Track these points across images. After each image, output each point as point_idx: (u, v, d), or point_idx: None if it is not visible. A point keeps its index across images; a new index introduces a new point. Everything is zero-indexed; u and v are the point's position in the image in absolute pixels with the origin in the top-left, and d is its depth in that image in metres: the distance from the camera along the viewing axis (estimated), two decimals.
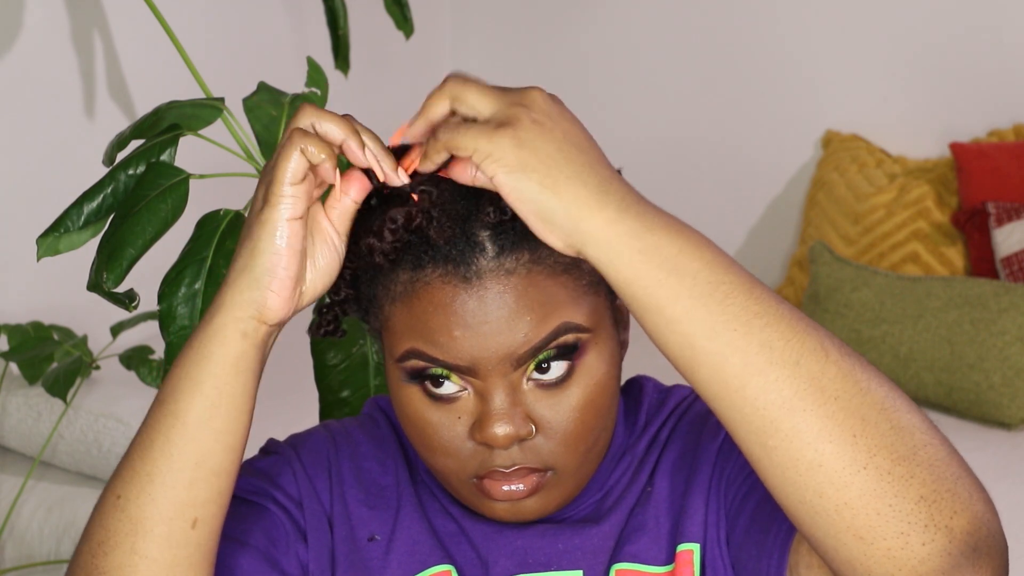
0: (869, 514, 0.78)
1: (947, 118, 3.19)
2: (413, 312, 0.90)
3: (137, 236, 1.21)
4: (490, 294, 0.89)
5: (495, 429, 0.90)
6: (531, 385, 0.92)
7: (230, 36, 2.79)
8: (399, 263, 0.90)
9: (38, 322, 2.11)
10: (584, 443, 0.94)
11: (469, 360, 0.90)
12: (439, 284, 0.89)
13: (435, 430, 0.93)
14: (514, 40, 3.66)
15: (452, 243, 0.89)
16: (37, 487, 2.22)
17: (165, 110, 1.32)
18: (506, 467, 0.92)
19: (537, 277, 0.90)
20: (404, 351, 0.92)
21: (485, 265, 0.89)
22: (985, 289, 2.69)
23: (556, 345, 0.91)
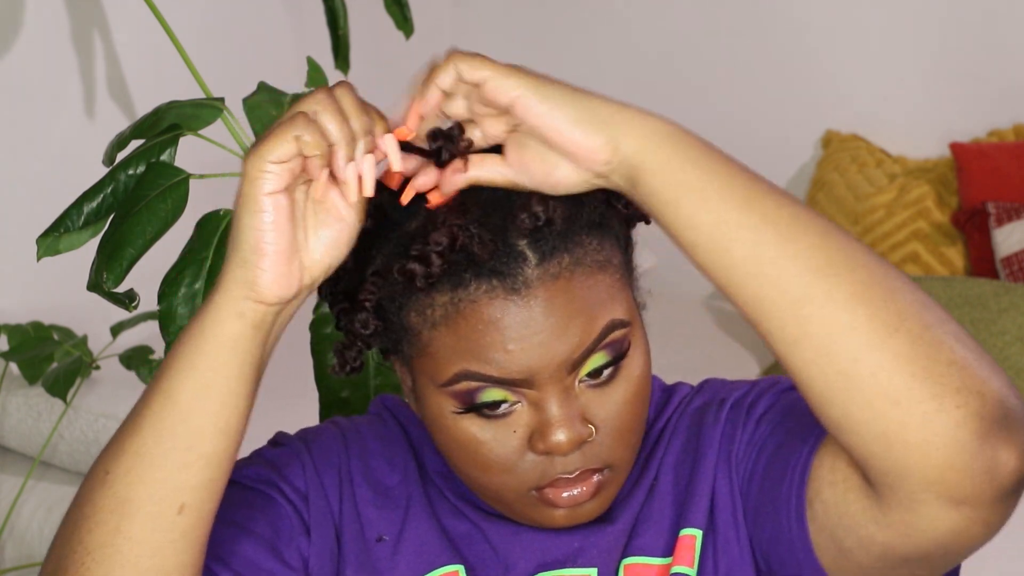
0: (904, 376, 0.80)
1: (947, 118, 3.19)
2: (459, 333, 0.89)
3: (137, 236, 1.21)
4: (539, 303, 0.88)
5: (558, 436, 0.89)
6: (582, 387, 0.91)
7: (230, 36, 2.79)
8: (435, 285, 0.88)
9: (38, 322, 2.11)
10: (636, 435, 0.94)
11: (526, 372, 0.89)
12: (486, 300, 0.88)
13: (489, 448, 0.91)
14: (514, 40, 3.66)
15: (495, 256, 0.88)
16: (37, 487, 2.22)
17: (165, 110, 1.32)
18: (570, 473, 0.91)
19: (580, 278, 0.90)
20: (454, 374, 0.90)
21: (531, 274, 0.88)
22: (985, 289, 2.69)
23: (607, 344, 0.91)
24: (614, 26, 3.52)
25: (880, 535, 0.85)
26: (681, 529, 0.97)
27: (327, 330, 1.31)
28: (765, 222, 0.84)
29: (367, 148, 0.85)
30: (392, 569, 0.98)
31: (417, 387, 0.94)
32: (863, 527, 0.86)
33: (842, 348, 0.81)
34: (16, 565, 2.17)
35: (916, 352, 0.80)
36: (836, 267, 0.82)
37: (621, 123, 0.86)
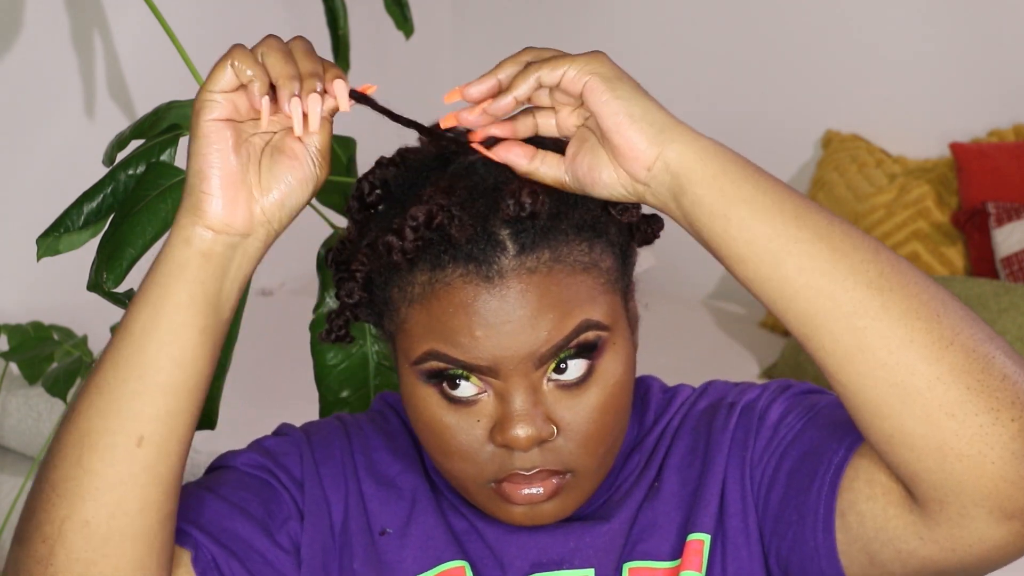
0: (960, 388, 0.81)
1: (947, 118, 3.19)
2: (432, 313, 0.90)
3: (137, 236, 1.21)
4: (512, 293, 0.89)
5: (517, 431, 0.90)
6: (551, 386, 0.91)
7: (230, 36, 2.79)
8: (417, 263, 0.90)
9: (38, 322, 2.11)
10: (603, 444, 0.93)
11: (491, 360, 0.89)
12: (460, 284, 0.89)
13: (452, 434, 0.92)
14: (514, 40, 3.65)
15: (473, 242, 0.89)
16: None
17: (165, 110, 1.32)
18: (526, 469, 0.91)
19: (558, 275, 0.90)
20: (423, 352, 0.91)
21: (507, 264, 0.89)
22: (985, 289, 2.69)
23: (577, 343, 0.90)
24: (614, 26, 3.52)
25: (923, 550, 0.86)
26: (689, 533, 0.97)
27: None
28: (818, 236, 0.85)
29: (310, 88, 0.86)
30: (399, 562, 0.98)
31: (396, 364, 0.96)
32: (904, 541, 0.87)
33: (899, 360, 0.82)
34: None
35: (971, 365, 0.82)
36: (890, 281, 0.84)
37: (673, 132, 0.87)
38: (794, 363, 2.84)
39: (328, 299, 1.31)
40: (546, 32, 3.60)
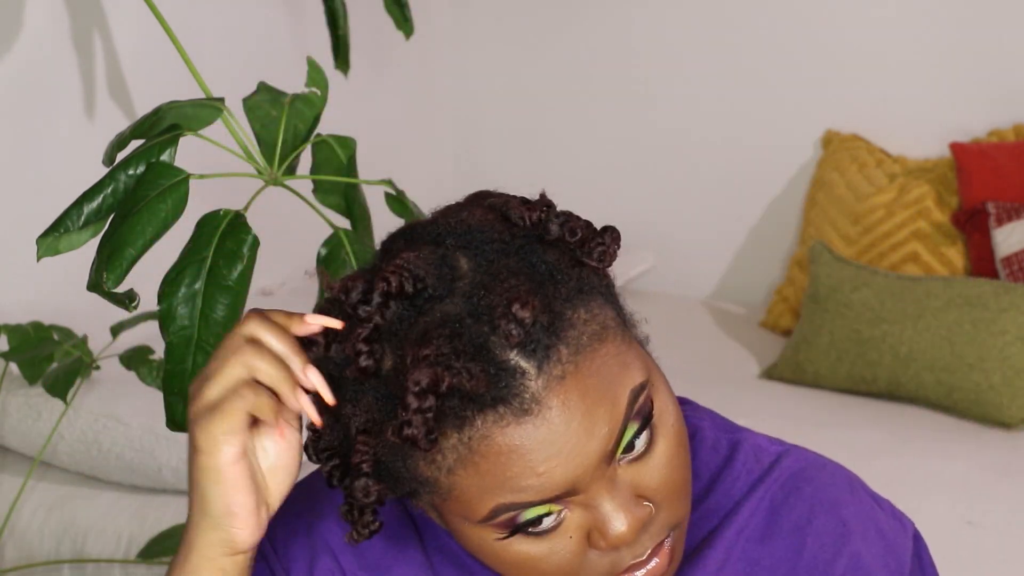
0: None
1: (947, 118, 3.19)
2: (481, 471, 0.81)
3: (137, 236, 1.21)
4: (554, 413, 0.80)
5: (619, 529, 0.83)
6: (623, 465, 0.85)
7: (230, 36, 2.79)
8: (439, 425, 0.81)
9: (38, 322, 2.11)
10: (688, 485, 0.88)
11: (565, 486, 0.82)
12: (498, 431, 0.80)
13: (549, 562, 0.85)
14: (514, 40, 3.66)
15: (491, 384, 0.79)
16: (37, 487, 2.22)
17: (165, 110, 1.32)
18: (641, 556, 0.86)
19: (584, 365, 0.82)
20: (489, 511, 0.83)
21: (535, 386, 0.80)
22: (985, 289, 2.69)
23: (634, 415, 0.84)
24: (613, 26, 3.52)
25: None
26: None
27: None
28: None
29: (300, 380, 0.83)
30: None
31: (450, 525, 0.88)
32: None
33: None
34: (16, 565, 2.17)
35: None
36: None
37: None
38: (794, 363, 2.84)
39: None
40: (545, 32, 3.60)
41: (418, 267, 0.82)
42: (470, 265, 0.83)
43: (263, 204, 1.40)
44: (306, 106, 1.42)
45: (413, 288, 0.82)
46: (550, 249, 0.85)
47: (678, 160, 3.52)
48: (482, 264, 0.83)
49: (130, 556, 2.10)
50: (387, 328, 0.82)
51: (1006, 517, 2.23)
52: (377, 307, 0.82)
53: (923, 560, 1.00)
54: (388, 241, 0.89)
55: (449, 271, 0.83)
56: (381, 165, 2.28)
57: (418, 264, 0.83)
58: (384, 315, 0.82)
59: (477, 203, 0.88)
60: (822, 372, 2.80)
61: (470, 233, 0.85)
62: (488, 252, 0.84)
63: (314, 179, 1.41)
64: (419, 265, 0.83)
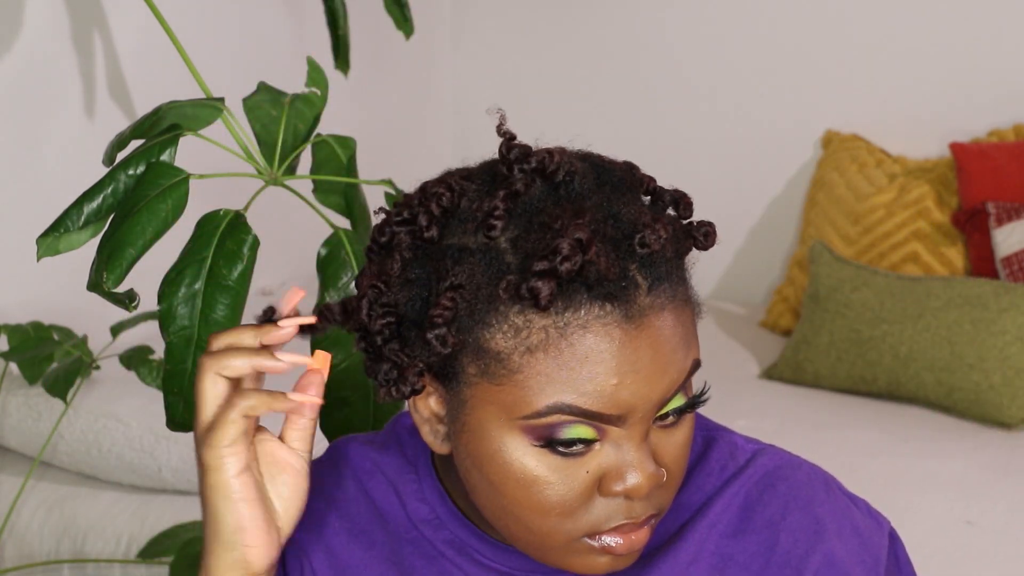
0: None
1: (947, 118, 3.19)
2: (561, 360, 0.80)
3: (137, 236, 1.21)
4: (646, 334, 0.81)
5: (639, 479, 0.84)
6: (655, 427, 0.86)
7: (230, 36, 2.79)
8: (553, 300, 0.80)
9: (38, 322, 2.11)
10: (683, 475, 0.90)
11: (625, 408, 0.82)
12: (598, 327, 0.80)
13: (554, 490, 0.84)
14: (514, 40, 3.66)
15: (611, 279, 0.80)
16: (37, 487, 2.22)
17: (165, 110, 1.32)
18: (638, 517, 0.86)
19: (678, 311, 0.84)
20: (544, 407, 0.81)
21: (643, 302, 0.81)
22: (985, 289, 2.69)
23: (684, 386, 0.85)
24: (614, 26, 3.52)
25: None
26: None
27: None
28: None
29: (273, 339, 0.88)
30: None
31: (470, 420, 0.85)
32: None
33: None
34: (16, 565, 2.17)
35: None
36: None
37: None
38: (794, 363, 2.84)
39: (328, 299, 1.31)
40: (545, 32, 3.60)
41: (573, 162, 0.85)
42: (614, 180, 0.87)
43: (263, 204, 1.40)
44: (306, 106, 1.42)
45: (564, 174, 0.84)
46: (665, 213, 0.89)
47: (678, 160, 3.52)
48: (620, 186, 0.87)
49: (130, 556, 2.10)
50: (524, 202, 0.84)
51: (1005, 517, 2.23)
52: (525, 175, 0.84)
53: (899, 559, 0.99)
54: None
55: (594, 176, 0.86)
56: (381, 165, 2.28)
57: (572, 160, 0.86)
58: (528, 186, 0.84)
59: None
60: (822, 372, 2.80)
61: (603, 163, 0.89)
62: (618, 183, 0.87)
63: (314, 179, 1.41)
64: (573, 162, 0.86)
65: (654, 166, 3.62)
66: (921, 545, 2.14)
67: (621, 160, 0.91)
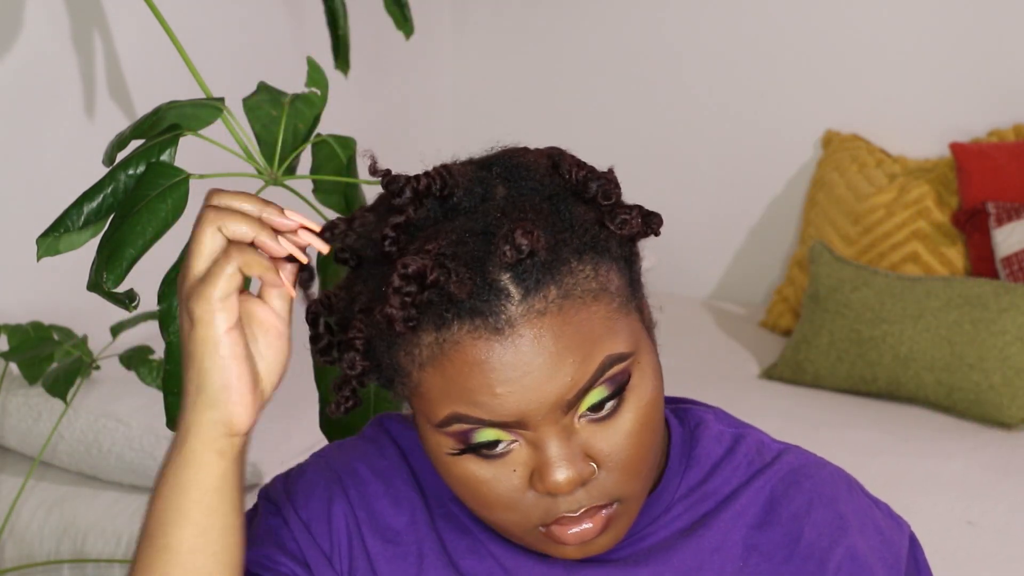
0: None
1: (947, 118, 3.19)
2: (446, 375, 0.85)
3: (137, 236, 1.21)
4: (525, 341, 0.84)
5: (556, 477, 0.86)
6: (584, 422, 0.87)
7: (230, 36, 2.79)
8: (420, 325, 0.85)
9: (38, 322, 2.11)
10: (645, 465, 0.90)
11: (516, 414, 0.85)
12: (469, 341, 0.84)
13: (491, 487, 0.88)
14: (514, 40, 3.66)
15: (475, 294, 0.83)
16: (37, 487, 2.22)
17: (165, 110, 1.32)
18: (573, 511, 0.88)
19: (569, 312, 0.85)
20: (445, 417, 0.86)
21: (514, 311, 0.83)
22: (985, 289, 2.69)
23: (605, 380, 0.86)
24: (613, 26, 3.52)
25: None
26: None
27: None
28: None
29: (276, 219, 0.89)
30: None
31: (416, 424, 0.92)
32: None
33: None
34: (16, 565, 2.17)
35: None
36: None
37: None
38: (794, 363, 2.84)
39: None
40: (545, 32, 3.60)
41: (456, 178, 0.88)
42: (503, 193, 0.88)
43: None
44: (306, 106, 1.42)
45: (440, 192, 0.87)
46: (583, 206, 0.89)
47: (678, 160, 3.52)
48: (513, 196, 0.88)
49: (130, 556, 2.10)
50: (416, 222, 0.87)
51: (1005, 517, 2.23)
52: (408, 200, 0.87)
53: (919, 562, 1.01)
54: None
55: (482, 191, 0.88)
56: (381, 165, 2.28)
57: (458, 176, 0.88)
58: (415, 209, 0.87)
59: (542, 151, 0.93)
60: (822, 372, 2.80)
61: (517, 169, 0.90)
62: (523, 188, 0.89)
63: (314, 179, 1.41)
64: (458, 177, 0.88)
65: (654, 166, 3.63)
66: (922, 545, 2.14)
67: (546, 157, 0.91)
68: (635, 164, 3.53)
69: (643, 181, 3.53)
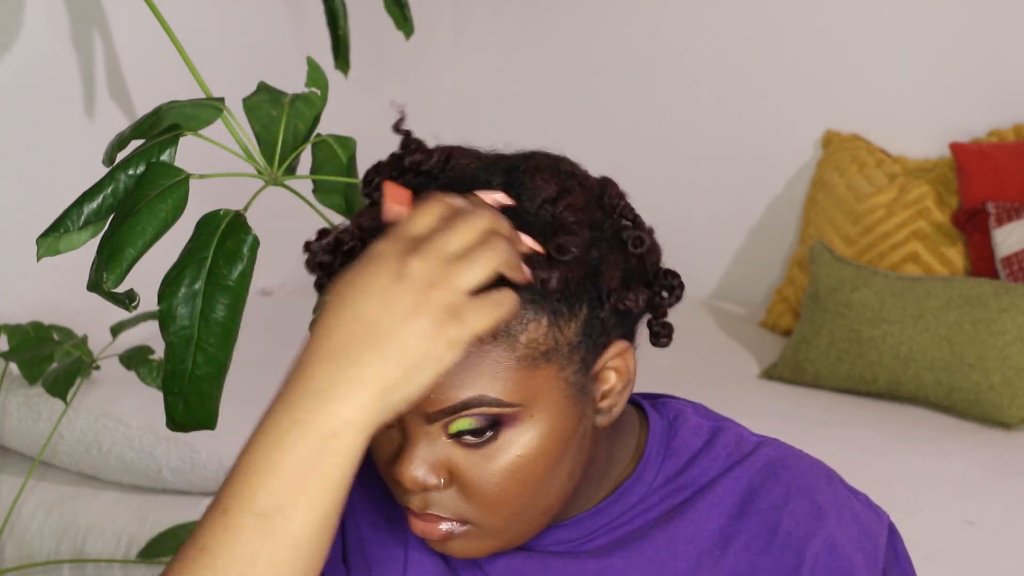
0: None
1: (947, 118, 3.19)
2: None
3: (137, 236, 1.21)
4: None
5: (402, 470, 0.88)
6: (450, 441, 0.88)
7: (230, 36, 2.79)
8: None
9: (38, 322, 2.11)
10: (508, 507, 0.89)
11: None
12: None
13: (378, 448, 0.92)
14: (514, 40, 3.66)
15: None
16: (37, 487, 2.22)
17: (165, 110, 1.32)
18: (418, 508, 0.90)
19: (475, 341, 0.83)
20: None
21: None
22: (985, 289, 2.69)
23: (469, 415, 0.86)
24: (613, 26, 3.52)
25: None
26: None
27: None
28: None
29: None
30: None
31: None
32: None
33: None
34: (16, 565, 2.17)
35: None
36: None
37: None
38: (794, 363, 2.84)
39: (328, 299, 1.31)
40: (545, 33, 3.60)
41: (458, 160, 0.92)
42: (543, 195, 0.89)
43: (263, 204, 1.40)
44: (306, 106, 1.42)
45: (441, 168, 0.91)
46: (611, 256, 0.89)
47: (678, 160, 3.52)
48: (549, 205, 0.88)
49: (130, 556, 2.10)
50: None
51: (1005, 517, 2.23)
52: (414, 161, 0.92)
53: (898, 552, 1.01)
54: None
55: (530, 191, 0.89)
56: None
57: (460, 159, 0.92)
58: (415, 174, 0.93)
59: (601, 179, 0.95)
60: (822, 372, 2.80)
61: (566, 180, 0.91)
62: (564, 200, 0.89)
63: (314, 179, 1.41)
64: (460, 160, 0.92)
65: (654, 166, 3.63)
66: (920, 544, 2.14)
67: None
68: (635, 164, 3.53)
69: (643, 181, 3.53)
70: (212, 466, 2.13)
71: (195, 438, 2.13)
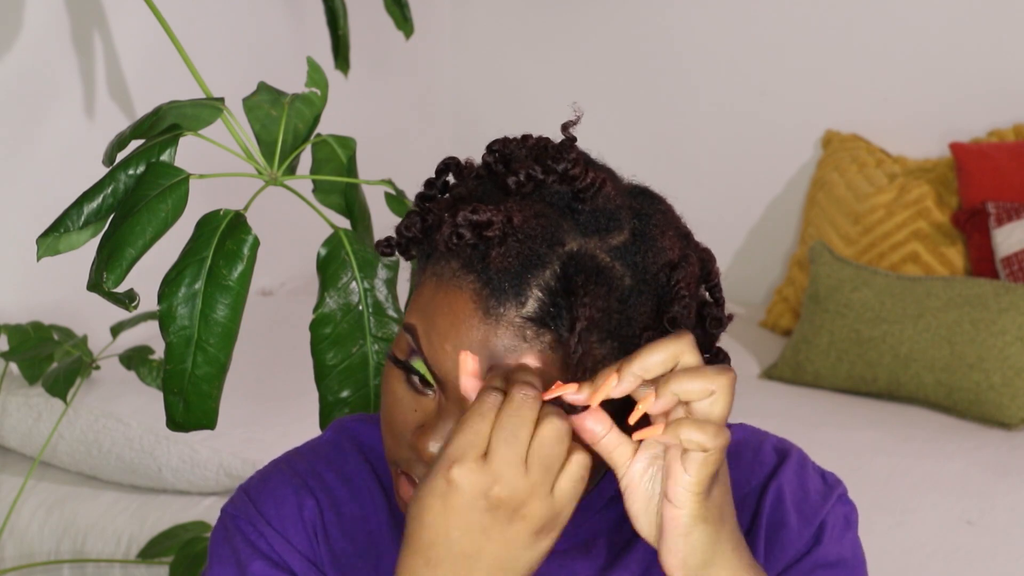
0: None
1: (947, 118, 3.19)
2: (436, 299, 0.88)
3: (137, 236, 1.21)
4: (494, 341, 0.87)
5: (424, 441, 0.89)
6: None
7: (230, 36, 2.79)
8: (459, 251, 0.88)
9: (38, 322, 2.11)
10: None
11: (443, 375, 0.88)
12: (467, 298, 0.87)
13: (393, 406, 0.92)
14: (514, 40, 3.66)
15: (503, 274, 0.86)
16: (37, 487, 2.22)
17: (165, 110, 1.32)
18: (417, 477, 0.91)
19: (543, 360, 0.87)
20: (408, 322, 0.91)
21: (512, 316, 0.86)
22: (985, 289, 2.69)
23: None
24: (614, 26, 3.52)
25: None
26: None
27: (327, 330, 1.31)
28: None
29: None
30: None
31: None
32: None
33: None
34: (16, 565, 2.17)
35: None
36: None
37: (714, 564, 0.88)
38: (794, 363, 2.84)
39: (328, 299, 1.31)
40: (546, 32, 3.60)
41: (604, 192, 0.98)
42: (665, 258, 0.96)
43: (263, 204, 1.40)
44: (306, 106, 1.42)
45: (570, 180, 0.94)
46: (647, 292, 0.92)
47: (678, 160, 3.52)
48: (669, 270, 0.94)
49: (130, 556, 2.10)
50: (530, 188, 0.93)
51: (1005, 516, 2.23)
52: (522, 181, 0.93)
53: (850, 521, 1.03)
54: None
55: (655, 251, 0.95)
56: (381, 165, 2.28)
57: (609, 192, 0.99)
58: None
59: (704, 249, 1.04)
60: (822, 372, 2.80)
61: (651, 238, 0.97)
62: (683, 270, 0.95)
63: (314, 179, 1.41)
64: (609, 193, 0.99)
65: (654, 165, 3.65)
66: (921, 545, 2.14)
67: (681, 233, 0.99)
68: (635, 164, 3.52)
69: (643, 181, 3.53)
70: (212, 466, 2.13)
71: (195, 438, 2.13)
